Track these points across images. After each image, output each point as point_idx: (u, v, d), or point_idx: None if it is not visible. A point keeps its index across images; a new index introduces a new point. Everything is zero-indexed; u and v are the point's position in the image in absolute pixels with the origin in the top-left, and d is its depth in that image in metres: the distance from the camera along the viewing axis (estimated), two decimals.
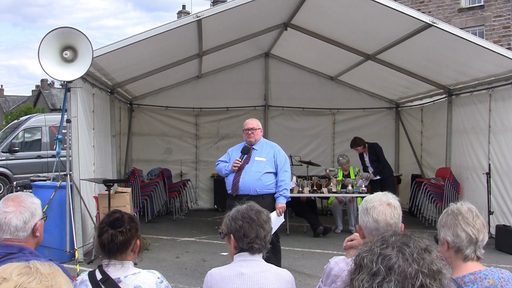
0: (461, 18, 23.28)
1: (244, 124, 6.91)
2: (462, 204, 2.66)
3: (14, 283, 1.44)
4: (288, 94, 13.79)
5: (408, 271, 1.66)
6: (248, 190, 6.53)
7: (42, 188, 8.36)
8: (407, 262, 1.68)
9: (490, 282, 2.47)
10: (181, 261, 8.18)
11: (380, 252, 1.71)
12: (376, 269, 1.68)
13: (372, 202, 2.84)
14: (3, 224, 2.76)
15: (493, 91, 9.73)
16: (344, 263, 2.85)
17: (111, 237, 2.84)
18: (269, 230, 3.02)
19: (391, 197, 2.87)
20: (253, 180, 6.55)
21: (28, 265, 1.51)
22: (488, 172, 9.46)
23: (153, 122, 13.76)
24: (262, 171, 6.59)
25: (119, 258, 2.86)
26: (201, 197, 13.98)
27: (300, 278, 7.00)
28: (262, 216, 3.02)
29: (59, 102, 50.34)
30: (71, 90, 7.95)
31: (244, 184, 6.56)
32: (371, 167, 11.06)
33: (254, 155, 6.70)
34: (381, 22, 9.48)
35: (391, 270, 1.67)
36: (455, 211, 2.62)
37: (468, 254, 2.55)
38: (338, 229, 10.72)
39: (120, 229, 2.85)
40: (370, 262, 1.70)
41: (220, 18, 9.07)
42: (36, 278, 1.47)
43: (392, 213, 2.78)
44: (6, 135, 17.37)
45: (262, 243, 2.96)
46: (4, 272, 1.46)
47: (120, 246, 2.85)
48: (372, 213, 2.79)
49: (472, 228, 2.56)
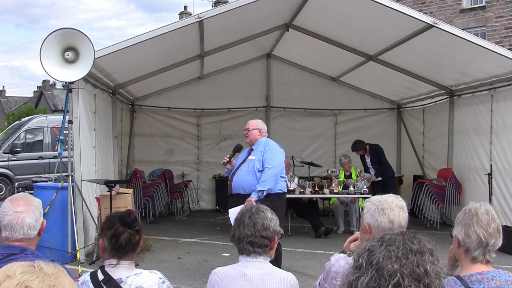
0: (463, 19, 23.26)
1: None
2: (481, 206, 2.65)
3: (17, 281, 1.44)
4: (290, 95, 13.80)
5: (386, 268, 1.67)
6: (238, 189, 6.62)
7: (44, 189, 8.36)
8: (388, 260, 1.69)
9: (497, 283, 2.45)
10: (183, 262, 8.18)
11: (369, 248, 1.74)
12: (360, 263, 1.72)
13: (387, 203, 2.85)
14: (16, 224, 2.76)
15: (494, 92, 9.72)
16: (344, 261, 2.87)
17: (129, 236, 2.85)
18: (271, 229, 3.01)
19: (401, 200, 2.92)
20: (243, 179, 6.61)
21: (33, 265, 1.51)
22: (490, 173, 9.44)
23: (154, 123, 13.77)
24: (251, 170, 6.60)
25: (129, 257, 2.87)
26: (202, 198, 13.98)
27: (301, 279, 6.99)
28: (264, 214, 3.03)
29: (61, 103, 50.42)
30: (73, 91, 7.96)
31: (236, 183, 6.66)
32: (372, 168, 11.06)
33: (251, 155, 6.77)
34: (382, 23, 9.48)
35: (370, 264, 1.69)
36: (472, 211, 2.61)
37: (476, 256, 2.55)
38: (340, 230, 10.72)
39: (136, 228, 2.88)
40: (357, 256, 1.74)
41: (222, 19, 9.07)
42: (39, 277, 1.47)
43: (403, 215, 2.84)
44: (8, 136, 17.39)
45: (261, 241, 2.96)
46: (8, 270, 1.47)
47: (135, 245, 2.88)
48: (388, 213, 2.81)
49: (485, 231, 2.56)
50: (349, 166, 11.05)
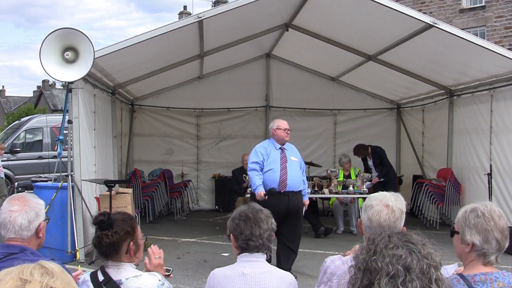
0: (462, 18, 23.26)
1: (279, 124, 7.27)
2: (494, 209, 2.55)
3: (39, 284, 1.43)
4: (289, 95, 13.80)
5: (423, 268, 1.69)
6: (294, 187, 7.06)
7: (43, 189, 8.36)
8: (419, 259, 1.70)
9: (500, 285, 2.43)
10: (183, 261, 8.18)
11: (393, 254, 1.72)
12: (394, 271, 1.69)
13: (371, 201, 2.85)
14: (8, 222, 2.77)
15: (494, 92, 9.72)
16: (340, 261, 2.86)
17: (98, 239, 2.87)
18: (267, 228, 3.01)
19: (394, 199, 2.82)
20: (297, 178, 7.12)
21: (42, 265, 1.50)
22: (490, 172, 9.43)
23: (154, 123, 13.77)
24: (300, 170, 7.23)
25: (114, 259, 2.86)
26: (202, 198, 13.98)
27: (301, 279, 7.00)
28: (259, 214, 3.03)
29: (60, 103, 50.41)
30: (73, 91, 7.96)
31: (291, 182, 7.04)
32: (375, 170, 11.07)
33: (288, 155, 7.20)
34: (382, 22, 9.48)
35: (409, 269, 1.68)
36: (486, 215, 2.51)
37: (491, 260, 2.51)
38: (339, 229, 10.72)
39: (105, 231, 2.85)
40: (385, 265, 1.71)
41: (222, 19, 9.07)
42: (58, 278, 1.47)
43: (387, 215, 2.75)
44: (8, 135, 17.37)
45: (258, 240, 2.96)
46: (22, 273, 1.45)
47: (107, 248, 2.84)
48: (368, 211, 2.81)
49: (502, 235, 2.51)
50: (348, 165, 11.04)
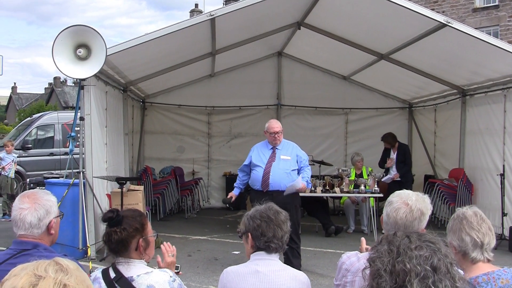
0: (476, 18, 23.11)
1: (268, 127, 7.25)
2: (467, 209, 2.73)
3: (53, 280, 1.42)
4: (301, 94, 13.77)
5: (448, 266, 1.70)
6: (278, 186, 7.02)
7: (55, 185, 8.41)
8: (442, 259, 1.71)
9: (503, 282, 2.48)
10: (193, 259, 8.19)
11: (419, 254, 1.73)
12: (424, 272, 1.70)
13: (393, 197, 2.87)
14: (18, 220, 2.78)
15: (508, 92, 9.62)
16: (355, 258, 2.87)
17: (107, 235, 2.88)
18: (287, 230, 3.02)
19: (415, 199, 2.82)
20: (282, 177, 7.04)
21: (58, 262, 1.50)
22: (502, 173, 9.36)
23: (165, 121, 13.80)
24: (289, 169, 7.10)
25: (123, 256, 2.87)
26: (213, 196, 14.00)
27: (312, 278, 6.96)
28: (280, 216, 3.02)
29: (71, 100, 50.69)
30: (85, 88, 7.98)
31: (274, 181, 7.03)
32: (395, 167, 11.09)
33: (279, 154, 7.17)
34: (395, 21, 9.42)
35: (436, 269, 1.69)
36: (460, 216, 2.70)
37: (475, 256, 2.59)
38: (350, 229, 10.69)
39: (114, 228, 2.86)
40: (414, 266, 1.71)
41: (234, 17, 9.06)
42: (72, 275, 1.47)
43: (404, 213, 2.75)
44: (19, 132, 17.47)
45: (279, 242, 2.97)
46: (37, 269, 1.44)
47: (117, 245, 2.85)
48: (387, 207, 2.84)
49: (477, 232, 2.61)
50: (361, 164, 10.99)
